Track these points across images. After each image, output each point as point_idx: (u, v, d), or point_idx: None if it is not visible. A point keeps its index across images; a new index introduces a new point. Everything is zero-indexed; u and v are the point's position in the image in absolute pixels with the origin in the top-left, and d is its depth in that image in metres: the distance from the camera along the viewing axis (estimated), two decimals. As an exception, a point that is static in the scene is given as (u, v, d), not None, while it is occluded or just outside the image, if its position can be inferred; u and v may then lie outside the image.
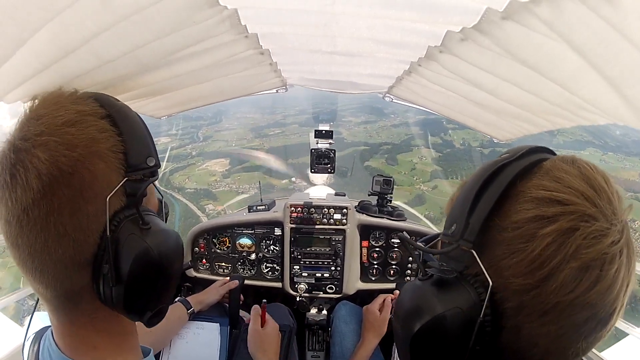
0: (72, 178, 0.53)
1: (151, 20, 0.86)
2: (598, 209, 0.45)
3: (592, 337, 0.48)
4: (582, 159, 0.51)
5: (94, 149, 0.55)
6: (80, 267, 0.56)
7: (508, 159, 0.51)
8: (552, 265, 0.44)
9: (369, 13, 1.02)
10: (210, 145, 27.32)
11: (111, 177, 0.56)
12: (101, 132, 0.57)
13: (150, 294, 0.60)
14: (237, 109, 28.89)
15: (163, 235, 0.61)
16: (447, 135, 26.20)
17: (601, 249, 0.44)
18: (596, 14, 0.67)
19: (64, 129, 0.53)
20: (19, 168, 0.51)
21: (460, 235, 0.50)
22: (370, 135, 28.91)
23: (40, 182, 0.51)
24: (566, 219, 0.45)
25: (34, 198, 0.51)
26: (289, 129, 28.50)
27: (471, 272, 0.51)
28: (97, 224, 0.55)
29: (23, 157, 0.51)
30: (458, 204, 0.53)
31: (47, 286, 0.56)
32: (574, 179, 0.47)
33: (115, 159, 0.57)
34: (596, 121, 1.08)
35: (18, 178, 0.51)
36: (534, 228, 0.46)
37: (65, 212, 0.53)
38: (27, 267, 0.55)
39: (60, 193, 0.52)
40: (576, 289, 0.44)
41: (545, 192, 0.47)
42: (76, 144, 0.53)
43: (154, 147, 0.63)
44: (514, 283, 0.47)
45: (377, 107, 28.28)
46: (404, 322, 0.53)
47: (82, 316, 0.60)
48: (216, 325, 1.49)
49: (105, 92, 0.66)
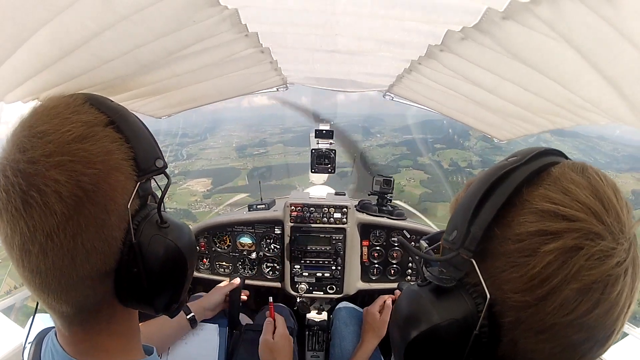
0: (95, 195, 0.52)
1: (151, 19, 0.86)
2: (605, 226, 0.43)
3: (589, 356, 0.47)
4: (592, 167, 0.49)
5: (111, 163, 0.55)
6: (104, 277, 0.57)
7: (515, 163, 0.49)
8: (552, 284, 0.43)
9: (369, 12, 1.02)
10: (194, 164, 26.85)
11: (127, 185, 0.57)
12: (112, 143, 0.56)
13: (177, 287, 0.62)
14: (223, 125, 28.66)
15: (181, 230, 0.63)
16: (435, 155, 25.74)
17: (605, 270, 0.42)
18: (596, 14, 0.67)
19: (76, 145, 0.51)
20: (33, 194, 0.48)
21: (460, 244, 0.49)
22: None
23: (64, 205, 0.49)
24: (570, 236, 0.43)
25: (58, 222, 0.49)
26: (274, 148, 28.00)
27: (470, 281, 0.50)
28: (119, 231, 0.56)
29: (37, 182, 0.48)
30: (461, 209, 0.51)
31: (71, 304, 0.56)
32: (582, 192, 0.45)
33: (128, 166, 0.57)
34: (596, 121, 1.08)
35: (34, 204, 0.49)
36: (537, 243, 0.44)
37: (91, 229, 0.52)
38: (50, 289, 0.54)
39: (86, 212, 0.51)
40: (575, 310, 0.43)
41: (551, 204, 0.45)
42: (94, 160, 0.52)
43: (159, 148, 0.64)
44: (512, 298, 0.46)
45: (364, 126, 27.95)
46: (400, 329, 0.52)
47: (99, 323, 0.60)
48: (215, 326, 1.49)
49: (105, 92, 0.67)
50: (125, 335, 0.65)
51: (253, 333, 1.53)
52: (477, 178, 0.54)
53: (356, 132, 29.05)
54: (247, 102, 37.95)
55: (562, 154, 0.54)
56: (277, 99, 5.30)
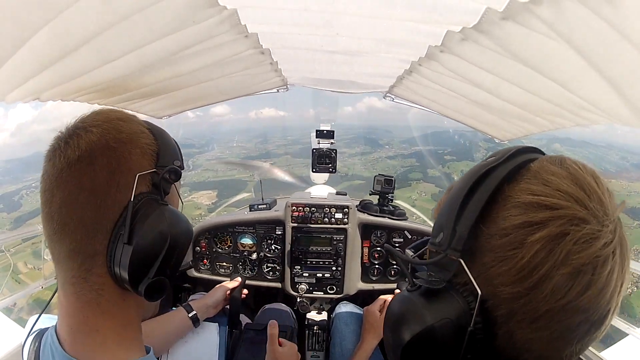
0: (114, 151, 0.63)
1: (151, 20, 0.87)
2: (589, 211, 0.44)
3: (587, 338, 0.47)
4: (570, 158, 0.50)
5: (135, 139, 0.66)
6: (99, 231, 0.61)
7: (494, 162, 0.50)
8: (542, 272, 0.44)
9: (369, 12, 1.02)
10: (200, 175, 26.67)
11: (143, 163, 0.66)
12: (142, 132, 0.68)
13: (153, 260, 0.64)
14: (230, 136, 28.51)
15: (177, 215, 0.68)
16: (445, 168, 25.52)
17: (593, 252, 0.43)
18: (596, 14, 0.67)
19: (116, 121, 0.66)
20: (73, 137, 0.62)
21: (447, 245, 0.49)
22: (365, 168, 27.97)
23: (88, 146, 0.61)
24: (555, 224, 0.44)
25: (80, 155, 0.60)
26: (281, 160, 27.74)
27: (460, 280, 0.50)
28: (124, 196, 0.63)
29: (79, 132, 0.62)
30: (445, 211, 0.52)
31: (64, 241, 0.61)
32: (562, 181, 0.46)
33: (149, 153, 0.68)
34: (596, 121, 1.08)
35: (71, 143, 0.61)
36: (523, 235, 0.45)
37: (100, 175, 0.61)
38: (54, 220, 0.61)
39: (101, 158, 0.61)
40: (567, 294, 0.43)
41: (533, 196, 0.46)
42: (123, 130, 0.65)
43: (181, 155, 0.75)
44: (504, 291, 0.46)
45: (372, 137, 27.65)
46: (394, 334, 0.52)
47: (90, 292, 0.62)
48: (215, 325, 1.49)
49: (106, 92, 0.69)
50: (120, 320, 0.65)
51: (254, 332, 1.54)
52: (458, 180, 0.54)
53: (365, 144, 28.64)
54: (254, 114, 38.05)
55: (539, 150, 0.55)
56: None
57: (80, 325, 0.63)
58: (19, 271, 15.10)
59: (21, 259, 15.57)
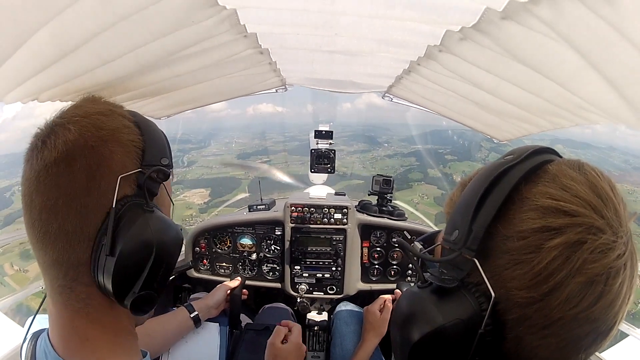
0: (93, 151, 0.58)
1: (150, 20, 0.86)
2: (605, 220, 0.44)
3: (593, 348, 0.47)
4: (588, 163, 0.49)
5: (117, 136, 0.61)
6: (81, 240, 0.58)
7: (512, 161, 0.49)
8: (557, 279, 0.43)
9: (368, 12, 1.02)
10: (193, 172, 25.66)
11: (127, 163, 0.61)
12: (125, 127, 0.64)
13: (138, 273, 0.59)
14: (227, 133, 27.88)
15: (164, 223, 0.63)
16: (446, 168, 24.99)
17: (607, 263, 0.43)
18: (596, 14, 0.67)
19: (96, 116, 0.61)
20: (50, 136, 0.58)
21: (462, 243, 0.48)
22: (364, 167, 27.54)
23: (65, 146, 0.57)
24: (573, 231, 0.43)
25: (57, 157, 0.56)
26: (277, 157, 27.11)
27: (472, 280, 0.49)
28: (106, 200, 0.58)
29: (57, 129, 0.58)
30: (460, 208, 0.51)
31: (46, 250, 0.58)
32: (581, 188, 0.45)
33: (133, 151, 0.63)
34: (596, 121, 1.08)
35: (48, 143, 0.57)
36: (541, 239, 0.44)
37: (79, 178, 0.57)
38: (35, 227, 0.58)
39: (80, 159, 0.57)
40: (580, 304, 0.43)
41: (552, 201, 0.45)
42: (103, 127, 0.60)
43: (170, 152, 0.69)
44: (517, 295, 0.45)
45: (370, 135, 27.19)
46: (403, 331, 0.51)
47: (77, 301, 0.60)
48: (216, 325, 1.48)
49: (105, 93, 0.68)
50: (111, 328, 0.63)
51: (254, 333, 1.53)
52: (473, 177, 0.53)
53: (364, 142, 28.14)
54: (252, 109, 37.84)
55: (555, 152, 0.54)
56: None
57: (70, 335, 0.61)
58: (4, 273, 14.55)
59: (8, 259, 14.62)
